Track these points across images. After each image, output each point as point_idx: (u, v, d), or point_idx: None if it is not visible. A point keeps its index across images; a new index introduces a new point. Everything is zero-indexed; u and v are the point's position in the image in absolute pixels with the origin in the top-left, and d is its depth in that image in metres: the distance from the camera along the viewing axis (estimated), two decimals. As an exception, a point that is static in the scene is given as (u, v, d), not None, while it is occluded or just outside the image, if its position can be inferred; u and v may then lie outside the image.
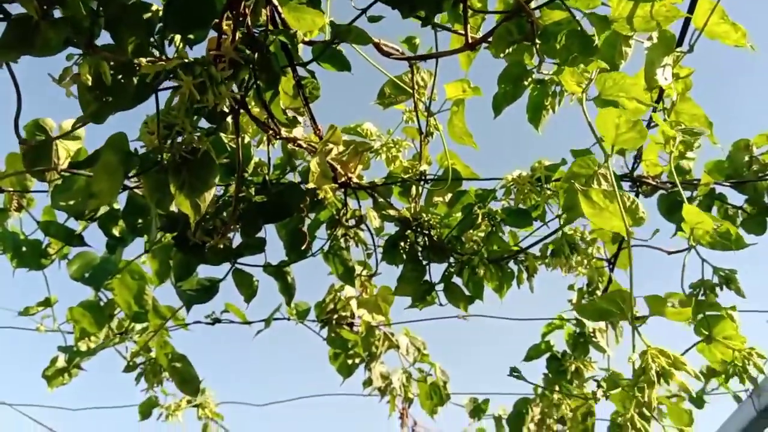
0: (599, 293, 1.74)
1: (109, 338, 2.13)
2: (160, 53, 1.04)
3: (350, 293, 1.94)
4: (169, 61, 1.00)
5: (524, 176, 1.37)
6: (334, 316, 2.11)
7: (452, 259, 1.53)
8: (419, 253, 1.56)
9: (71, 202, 1.46)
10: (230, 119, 1.28)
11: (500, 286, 1.53)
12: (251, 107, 1.27)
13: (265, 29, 1.09)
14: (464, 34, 1.03)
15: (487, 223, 1.46)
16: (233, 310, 2.20)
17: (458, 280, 1.55)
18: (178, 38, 1.13)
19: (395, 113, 1.52)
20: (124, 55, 0.94)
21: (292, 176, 1.51)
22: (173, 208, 1.35)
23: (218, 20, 1.03)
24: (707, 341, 1.04)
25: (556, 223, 1.48)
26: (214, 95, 1.01)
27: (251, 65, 1.09)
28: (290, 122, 1.17)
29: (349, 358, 2.20)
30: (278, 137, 1.25)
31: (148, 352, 2.05)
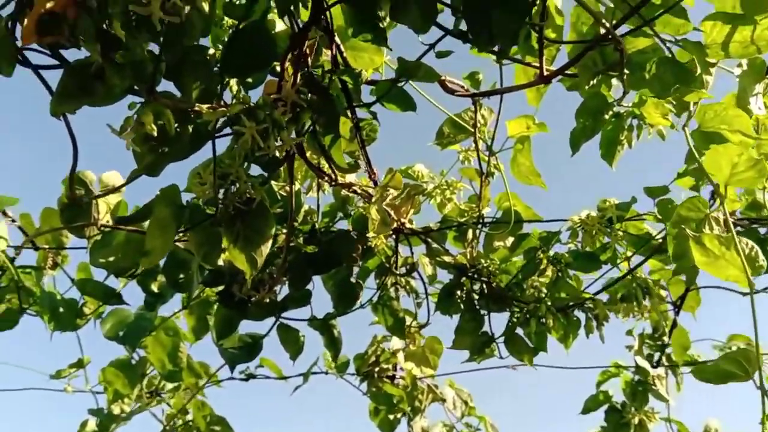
0: (665, 339, 1.64)
1: (142, 399, 2.04)
2: (217, 99, 0.98)
3: (397, 345, 1.84)
4: (230, 107, 0.93)
5: (593, 217, 1.28)
6: (376, 368, 2.02)
7: (513, 308, 1.44)
8: (476, 301, 1.47)
9: (111, 258, 1.39)
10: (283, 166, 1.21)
11: (566, 335, 1.43)
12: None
13: (327, 70, 1.02)
14: (539, 66, 0.96)
15: (552, 268, 1.37)
16: (268, 365, 2.10)
17: (520, 330, 1.45)
18: (234, 83, 1.08)
19: (446, 154, 1.45)
20: (188, 101, 0.88)
21: (341, 224, 1.43)
22: (220, 262, 1.29)
23: (279, 62, 0.98)
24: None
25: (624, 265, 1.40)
26: (275, 141, 0.95)
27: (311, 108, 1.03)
28: (351, 167, 1.09)
29: (390, 413, 2.09)
30: (334, 184, 1.18)
31: (184, 414, 1.95)
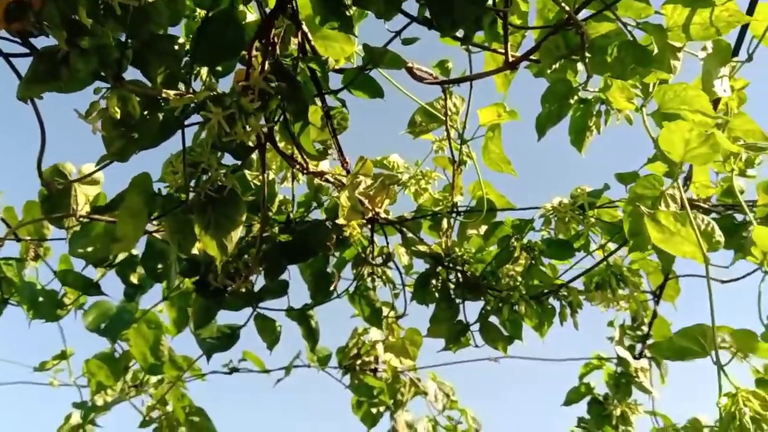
0: (645, 328, 1.65)
1: (124, 391, 2.05)
2: (186, 87, 0.99)
3: (376, 337, 1.85)
4: (197, 93, 0.94)
5: (565, 204, 1.29)
6: (357, 361, 2.02)
7: (488, 296, 1.45)
8: (452, 290, 1.48)
9: (89, 249, 1.40)
10: (255, 154, 1.22)
11: (541, 323, 1.44)
12: (277, 141, 1.21)
13: (294, 58, 1.03)
14: (504, 52, 0.98)
15: (525, 256, 1.38)
16: (251, 358, 2.11)
17: (495, 319, 1.46)
18: (204, 71, 1.08)
19: (422, 144, 1.46)
20: (153, 87, 0.88)
21: (316, 213, 1.44)
22: (195, 251, 1.29)
23: (247, 51, 0.98)
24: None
25: (597, 253, 1.41)
26: (243, 128, 0.95)
27: (279, 96, 1.04)
28: (319, 154, 1.10)
29: (373, 406, 2.10)
30: (305, 172, 1.19)
31: (164, 405, 1.95)
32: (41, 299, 1.52)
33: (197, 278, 1.38)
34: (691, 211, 1.29)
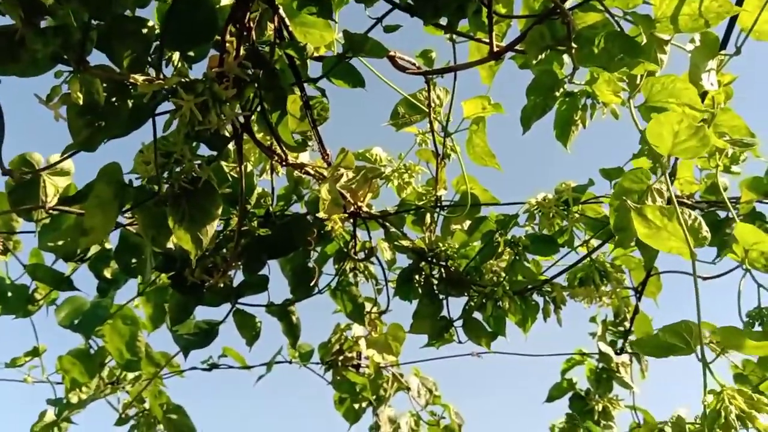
0: (627, 324, 1.64)
1: (99, 388, 2.01)
2: (157, 73, 0.95)
3: (358, 332, 1.82)
4: (167, 79, 0.90)
5: (549, 199, 1.27)
6: (339, 357, 1.99)
7: (472, 292, 1.42)
8: (435, 286, 1.45)
9: (60, 242, 1.36)
10: (232, 145, 1.18)
11: (524, 319, 1.42)
12: (254, 132, 1.17)
13: (271, 44, 0.99)
14: (489, 42, 0.94)
15: (509, 251, 1.35)
16: (232, 354, 2.07)
17: (479, 315, 1.44)
18: (176, 57, 1.04)
19: (406, 137, 1.43)
20: (120, 72, 0.84)
21: (297, 207, 1.40)
22: (170, 245, 1.25)
23: (220, 35, 0.94)
24: (776, 377, 0.92)
25: (581, 249, 1.39)
26: (217, 116, 0.91)
27: (256, 84, 1.00)
28: (298, 146, 1.07)
29: (355, 402, 2.08)
30: (285, 164, 1.15)
31: (141, 402, 1.91)
32: (10, 294, 1.47)
33: (173, 273, 1.35)
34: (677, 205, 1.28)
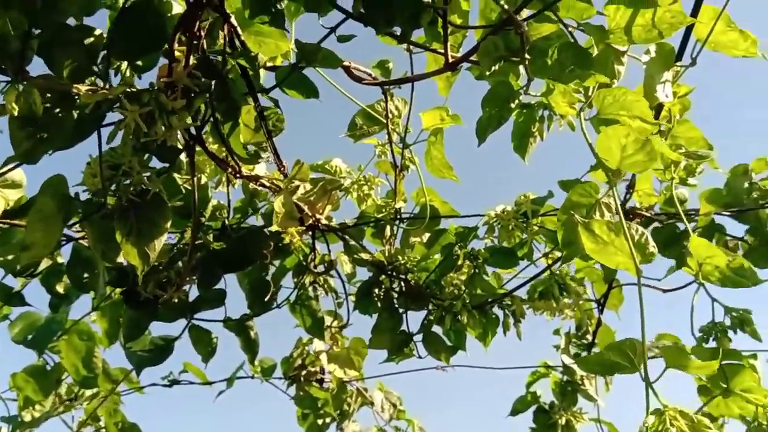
0: (589, 337, 1.63)
1: (54, 406, 1.95)
2: (104, 83, 0.92)
3: (319, 347, 1.79)
4: (111, 89, 0.87)
5: (509, 212, 1.26)
6: (302, 372, 1.97)
7: (432, 305, 1.40)
8: (395, 300, 1.43)
9: (10, 257, 1.31)
10: (185, 157, 1.15)
11: (485, 333, 1.40)
12: (208, 144, 1.14)
13: (223, 53, 0.97)
14: (444, 53, 0.93)
15: (469, 264, 1.34)
16: (193, 370, 2.02)
17: (439, 329, 1.42)
18: (125, 66, 1.01)
19: (366, 149, 1.41)
20: (64, 83, 0.81)
21: (254, 220, 1.38)
22: (122, 259, 1.22)
23: (169, 44, 0.92)
24: (725, 395, 0.92)
25: (542, 262, 1.38)
26: (164, 127, 0.89)
27: (208, 94, 0.98)
28: (251, 158, 1.04)
29: (319, 417, 2.05)
30: (239, 176, 1.12)
31: (96, 421, 1.86)
32: (-42, 310, 1.42)
33: (125, 289, 1.31)
34: (630, 220, 1.28)
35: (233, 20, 0.95)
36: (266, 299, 1.36)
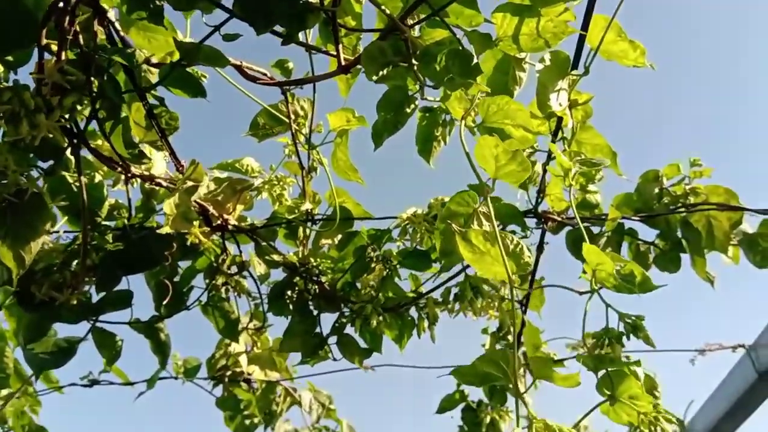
0: (510, 337, 1.63)
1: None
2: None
3: (239, 348, 1.75)
4: (-31, 85, 0.81)
5: (419, 214, 1.23)
6: (226, 373, 1.92)
7: (346, 308, 1.37)
8: (309, 302, 1.40)
9: None
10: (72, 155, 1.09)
11: (400, 335, 1.38)
12: (103, 142, 1.09)
13: (102, 49, 0.92)
14: (336, 55, 0.90)
15: (381, 267, 1.31)
16: (114, 369, 1.96)
17: (353, 331, 1.39)
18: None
19: (281, 148, 1.37)
20: None
21: (160, 219, 1.32)
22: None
23: (38, 39, 0.86)
24: (611, 402, 0.91)
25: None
26: (30, 126, 0.84)
27: (90, 92, 0.92)
28: (134, 158, 0.99)
29: (246, 418, 2.01)
30: (130, 175, 1.07)
31: (3, 423, 1.79)
32: None
33: (17, 290, 1.24)
34: (542, 223, 1.27)
35: (111, 15, 0.89)
36: (165, 301, 1.30)
